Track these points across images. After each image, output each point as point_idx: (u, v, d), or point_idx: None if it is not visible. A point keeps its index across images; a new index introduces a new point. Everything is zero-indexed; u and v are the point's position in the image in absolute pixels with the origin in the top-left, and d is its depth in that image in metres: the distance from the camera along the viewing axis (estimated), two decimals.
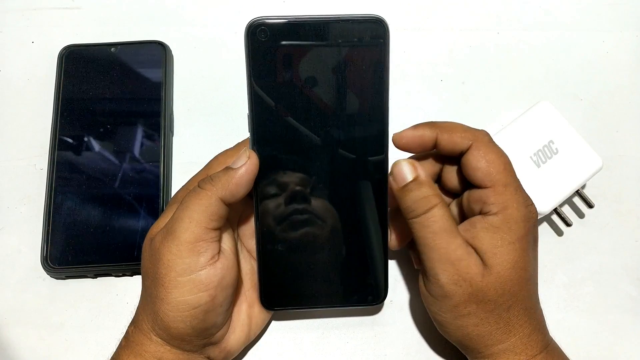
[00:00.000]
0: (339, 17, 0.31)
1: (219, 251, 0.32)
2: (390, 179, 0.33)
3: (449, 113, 0.45)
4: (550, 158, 0.39)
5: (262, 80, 0.32)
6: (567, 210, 0.42)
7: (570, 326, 0.40)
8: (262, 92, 0.32)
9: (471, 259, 0.32)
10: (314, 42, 0.32)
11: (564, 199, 0.39)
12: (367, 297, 0.36)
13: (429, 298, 0.33)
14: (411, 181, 0.32)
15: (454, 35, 0.47)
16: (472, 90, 0.46)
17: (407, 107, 0.45)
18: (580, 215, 0.43)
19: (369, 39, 0.32)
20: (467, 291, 0.31)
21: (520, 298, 0.33)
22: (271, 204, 0.34)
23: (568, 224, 0.40)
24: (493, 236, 0.32)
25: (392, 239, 0.37)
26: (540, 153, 0.39)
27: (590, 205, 0.41)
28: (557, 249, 0.42)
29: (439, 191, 0.33)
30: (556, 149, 0.39)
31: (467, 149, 0.33)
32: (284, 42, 0.32)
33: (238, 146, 0.36)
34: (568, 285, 0.41)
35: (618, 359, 0.39)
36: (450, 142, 0.34)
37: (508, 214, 0.32)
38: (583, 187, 0.41)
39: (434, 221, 0.32)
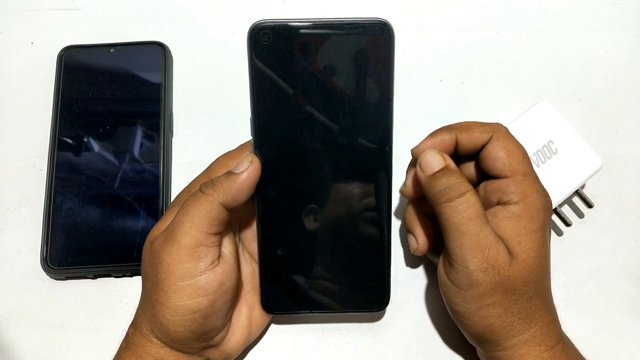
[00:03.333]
0: (343, 21, 0.31)
1: (219, 256, 0.32)
2: (418, 169, 0.33)
3: (449, 113, 0.45)
4: (549, 158, 0.39)
5: (264, 84, 0.32)
6: (566, 210, 0.42)
7: (570, 326, 0.39)
8: (264, 95, 0.32)
9: (500, 247, 0.32)
10: (317, 46, 0.31)
11: (564, 199, 0.39)
12: (369, 303, 0.36)
13: (452, 289, 0.33)
14: (442, 168, 0.33)
15: (453, 35, 0.47)
16: (471, 90, 0.46)
17: (406, 107, 0.45)
18: (580, 215, 0.43)
19: (374, 43, 0.31)
20: (494, 279, 0.31)
21: (542, 288, 0.33)
22: (273, 207, 0.34)
23: (568, 224, 0.40)
24: (516, 225, 0.32)
25: (421, 244, 0.36)
26: (539, 153, 0.39)
27: (589, 205, 0.41)
28: (557, 249, 0.42)
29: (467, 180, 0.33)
30: (555, 148, 0.39)
31: (487, 142, 0.34)
32: (287, 46, 0.31)
33: (240, 148, 0.36)
34: (568, 285, 0.41)
35: (618, 359, 0.39)
36: (471, 139, 0.34)
37: (529, 202, 0.32)
38: (583, 187, 0.41)
39: (468, 206, 0.31)
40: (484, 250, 0.31)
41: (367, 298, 0.36)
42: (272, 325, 0.39)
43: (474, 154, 0.35)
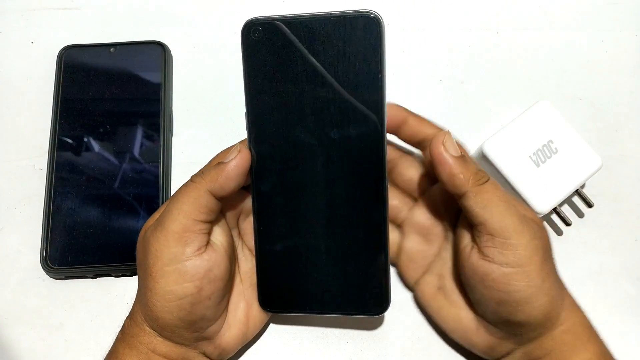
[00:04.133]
0: (332, 14, 0.31)
1: (207, 243, 0.32)
2: (442, 150, 0.32)
3: (449, 113, 0.45)
4: (549, 158, 0.39)
5: (258, 79, 0.32)
6: (566, 209, 0.42)
7: None
8: (258, 90, 0.33)
9: (528, 210, 0.33)
10: (308, 40, 0.32)
11: (564, 199, 0.39)
12: (368, 307, 0.35)
13: (512, 273, 0.31)
14: (464, 153, 0.33)
15: (453, 35, 0.47)
16: (471, 90, 0.46)
17: (406, 107, 0.45)
18: (580, 214, 0.43)
19: (363, 34, 0.31)
20: (540, 244, 0.31)
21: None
22: (268, 203, 0.34)
23: (567, 224, 0.40)
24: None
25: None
26: (539, 153, 0.39)
27: (589, 205, 0.41)
28: (556, 249, 0.41)
29: None
30: (555, 148, 0.39)
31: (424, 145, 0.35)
32: (278, 41, 0.32)
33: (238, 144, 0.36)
34: (568, 285, 0.41)
35: (618, 359, 0.39)
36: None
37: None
38: (582, 186, 0.41)
39: (496, 182, 0.32)
40: (526, 216, 0.32)
41: (366, 301, 0.35)
42: (271, 324, 0.39)
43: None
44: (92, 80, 0.43)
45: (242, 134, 0.44)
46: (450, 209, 0.36)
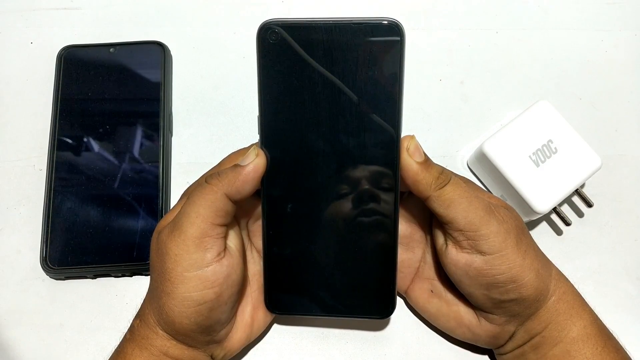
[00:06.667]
0: (352, 20, 0.31)
1: (225, 248, 0.32)
2: (406, 156, 0.32)
3: (449, 113, 0.45)
4: (549, 157, 0.39)
5: (272, 82, 0.32)
6: (566, 209, 0.42)
7: None
8: (272, 94, 0.32)
9: (493, 197, 0.35)
10: (326, 45, 0.31)
11: (563, 198, 0.39)
12: (374, 310, 0.35)
13: (491, 259, 0.32)
14: (427, 157, 0.33)
15: (453, 34, 0.47)
16: (471, 90, 0.46)
17: (406, 107, 0.44)
18: (580, 214, 0.43)
19: (383, 43, 0.31)
20: (511, 226, 0.32)
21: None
22: (278, 207, 0.34)
23: (567, 223, 0.40)
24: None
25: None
26: (539, 152, 0.39)
27: (589, 205, 0.41)
28: (556, 249, 0.42)
29: None
30: (555, 148, 0.39)
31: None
32: (295, 45, 0.31)
33: (251, 146, 0.36)
34: None
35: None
36: None
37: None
38: (582, 186, 0.41)
39: (460, 180, 0.33)
40: (491, 204, 0.33)
41: (372, 304, 0.35)
42: (272, 324, 0.39)
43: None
44: (92, 81, 0.43)
45: (242, 133, 0.45)
46: (425, 213, 0.37)
